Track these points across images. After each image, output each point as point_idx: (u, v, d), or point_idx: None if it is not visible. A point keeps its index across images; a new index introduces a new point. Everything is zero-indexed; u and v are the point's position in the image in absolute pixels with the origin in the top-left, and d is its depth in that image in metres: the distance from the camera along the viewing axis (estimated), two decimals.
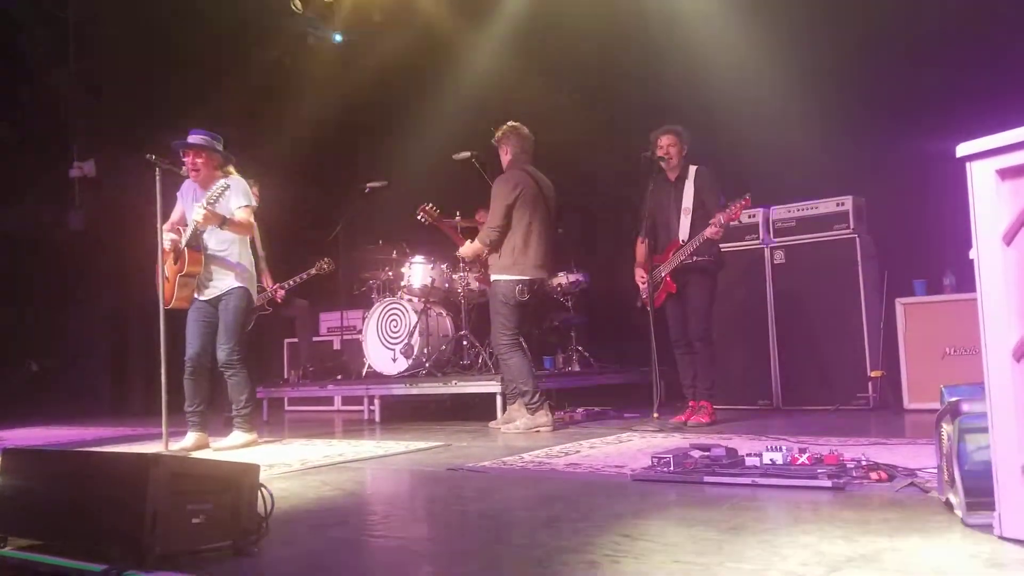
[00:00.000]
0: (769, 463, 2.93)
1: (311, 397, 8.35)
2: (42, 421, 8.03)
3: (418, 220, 6.06)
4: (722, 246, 5.44)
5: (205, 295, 4.96)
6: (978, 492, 2.05)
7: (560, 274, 7.27)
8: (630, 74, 7.66)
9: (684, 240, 5.24)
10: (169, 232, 4.93)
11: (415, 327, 6.94)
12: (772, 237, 6.51)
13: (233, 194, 4.86)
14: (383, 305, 7.30)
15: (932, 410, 3.97)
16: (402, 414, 7.39)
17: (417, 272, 7.16)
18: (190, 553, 2.07)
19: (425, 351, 6.93)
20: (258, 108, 8.69)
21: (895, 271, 6.07)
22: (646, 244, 5.32)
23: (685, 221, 5.28)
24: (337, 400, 8.71)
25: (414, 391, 6.67)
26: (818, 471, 2.79)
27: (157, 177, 4.75)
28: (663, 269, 5.28)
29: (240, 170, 5.13)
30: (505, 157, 5.53)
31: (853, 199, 6.22)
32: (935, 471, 2.48)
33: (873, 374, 5.90)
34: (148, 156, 4.73)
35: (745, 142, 6.71)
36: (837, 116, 6.36)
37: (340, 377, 7.74)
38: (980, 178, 2.00)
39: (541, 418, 5.25)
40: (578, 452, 4.04)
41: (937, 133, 4.35)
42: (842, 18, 6.40)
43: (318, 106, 8.81)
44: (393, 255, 7.54)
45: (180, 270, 4.86)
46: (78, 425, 7.59)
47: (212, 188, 4.77)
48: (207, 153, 4.93)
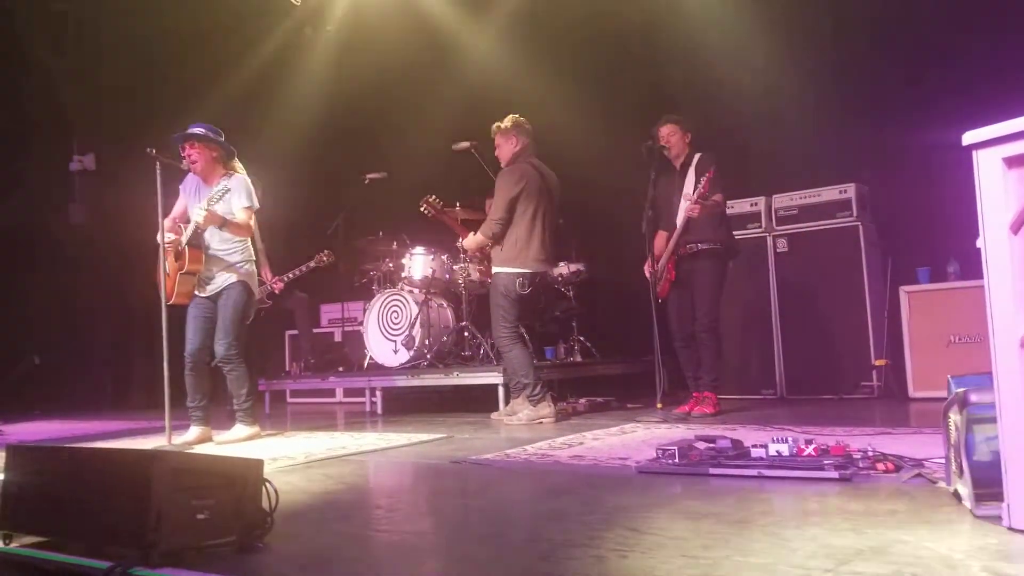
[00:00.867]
0: (775, 454, 2.92)
1: (313, 389, 8.37)
2: (44, 415, 8.04)
3: (419, 211, 6.03)
4: None
5: (206, 292, 4.95)
6: (987, 483, 2.03)
7: (561, 263, 7.25)
8: (631, 63, 7.63)
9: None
10: (169, 232, 4.89)
11: (416, 318, 6.93)
12: (775, 225, 6.49)
13: (235, 194, 4.84)
14: (384, 296, 7.29)
15: (937, 398, 3.99)
16: (404, 405, 7.39)
17: (418, 263, 7.15)
18: (195, 549, 2.06)
19: (426, 342, 6.92)
20: (257, 100, 8.67)
21: (898, 259, 6.05)
22: (661, 235, 5.32)
23: (683, 207, 5.26)
24: (339, 392, 8.73)
25: (416, 382, 6.67)
26: (825, 462, 2.78)
27: (158, 171, 4.73)
28: (663, 258, 5.27)
29: (241, 162, 5.10)
30: (507, 148, 5.49)
31: (856, 186, 6.20)
32: (942, 461, 2.46)
33: (877, 363, 5.89)
34: (148, 150, 4.70)
35: (747, 130, 6.69)
36: (839, 103, 6.33)
37: (342, 369, 7.73)
38: (987, 166, 1.98)
39: (544, 409, 5.24)
40: (582, 444, 4.03)
41: (940, 120, 4.34)
42: (845, 4, 6.36)
43: (317, 98, 8.80)
44: (393, 246, 7.52)
45: (181, 268, 4.84)
46: (80, 419, 7.60)
47: (214, 189, 4.76)
48: (203, 144, 4.90)
